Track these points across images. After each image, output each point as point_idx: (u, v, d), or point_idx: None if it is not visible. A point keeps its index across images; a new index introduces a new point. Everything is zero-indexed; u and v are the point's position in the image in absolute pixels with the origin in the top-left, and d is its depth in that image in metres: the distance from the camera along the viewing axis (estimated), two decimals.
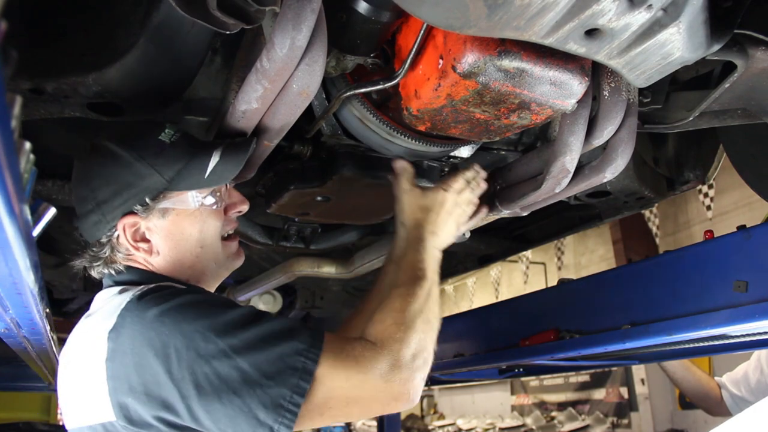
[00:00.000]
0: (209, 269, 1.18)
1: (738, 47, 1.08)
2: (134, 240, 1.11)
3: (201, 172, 1.08)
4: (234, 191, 1.24)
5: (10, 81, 1.06)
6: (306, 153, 1.48)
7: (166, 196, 1.09)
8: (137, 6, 1.11)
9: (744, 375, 2.33)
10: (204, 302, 0.99)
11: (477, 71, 0.94)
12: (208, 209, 1.15)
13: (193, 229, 1.13)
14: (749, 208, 6.38)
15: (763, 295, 1.51)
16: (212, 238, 1.16)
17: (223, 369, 0.91)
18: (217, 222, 1.17)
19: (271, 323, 0.98)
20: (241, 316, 0.97)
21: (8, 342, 1.68)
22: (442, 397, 13.80)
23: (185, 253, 1.14)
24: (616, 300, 1.96)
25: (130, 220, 1.09)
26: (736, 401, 2.31)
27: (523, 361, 2.40)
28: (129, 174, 1.06)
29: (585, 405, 9.50)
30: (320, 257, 2.40)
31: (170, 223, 1.12)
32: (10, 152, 0.51)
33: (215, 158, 1.09)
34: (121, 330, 0.95)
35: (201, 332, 0.93)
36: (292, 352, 0.94)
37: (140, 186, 1.07)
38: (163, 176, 1.07)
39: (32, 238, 0.87)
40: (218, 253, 1.19)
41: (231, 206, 1.22)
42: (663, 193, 2.03)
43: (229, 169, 1.10)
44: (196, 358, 0.91)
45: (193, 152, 1.09)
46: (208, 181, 1.09)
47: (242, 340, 0.93)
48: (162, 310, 0.95)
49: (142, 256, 1.13)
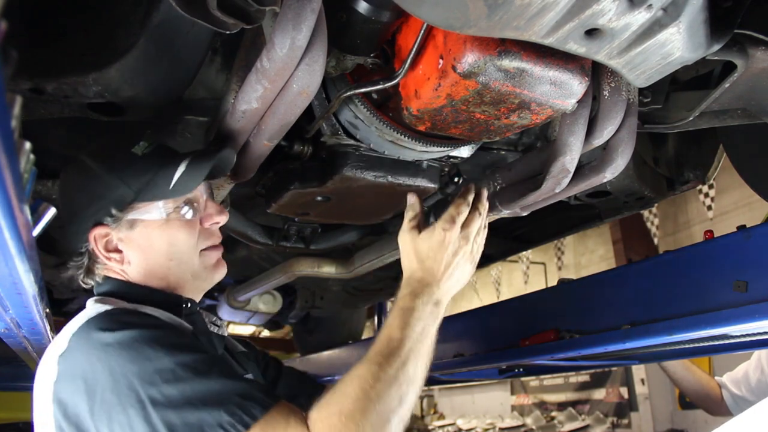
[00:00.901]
0: (184, 281, 1.16)
1: (738, 47, 1.08)
2: (106, 250, 1.12)
3: (167, 183, 1.08)
4: (211, 202, 1.21)
5: (10, 81, 1.06)
6: (306, 153, 1.48)
7: (134, 207, 1.10)
8: (137, 6, 1.11)
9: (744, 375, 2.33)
10: (147, 342, 0.93)
11: (477, 71, 0.94)
12: (179, 221, 1.13)
13: (162, 241, 1.12)
14: (749, 208, 6.38)
15: (763, 295, 1.50)
16: (185, 250, 1.14)
17: (136, 422, 0.86)
18: (189, 234, 1.14)
19: (208, 383, 0.90)
20: (177, 366, 0.90)
21: (8, 342, 1.68)
22: (442, 397, 13.80)
23: (155, 264, 1.13)
24: (616, 300, 1.96)
25: (102, 231, 1.11)
26: (737, 401, 2.31)
27: (523, 361, 2.39)
28: (99, 186, 1.09)
29: (585, 405, 9.50)
30: (320, 257, 2.40)
31: (138, 235, 1.12)
32: (10, 152, 0.51)
33: (181, 168, 1.09)
34: (67, 355, 0.95)
35: (127, 377, 0.89)
36: (213, 423, 0.86)
37: (109, 197, 1.09)
38: (130, 187, 1.08)
39: (32, 238, 0.87)
40: (193, 266, 1.16)
41: (206, 218, 1.19)
42: (663, 193, 2.03)
43: (193, 178, 1.09)
44: (116, 404, 0.88)
45: (162, 163, 1.10)
46: (173, 192, 1.09)
47: (165, 396, 0.87)
48: (102, 343, 0.93)
49: (115, 266, 1.14)
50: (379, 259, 2.13)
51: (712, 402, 2.41)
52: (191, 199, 1.15)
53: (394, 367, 0.97)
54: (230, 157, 1.18)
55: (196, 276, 1.17)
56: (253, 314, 3.38)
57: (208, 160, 1.11)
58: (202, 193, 1.19)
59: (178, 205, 1.13)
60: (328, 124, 1.36)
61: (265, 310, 3.36)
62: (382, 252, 2.09)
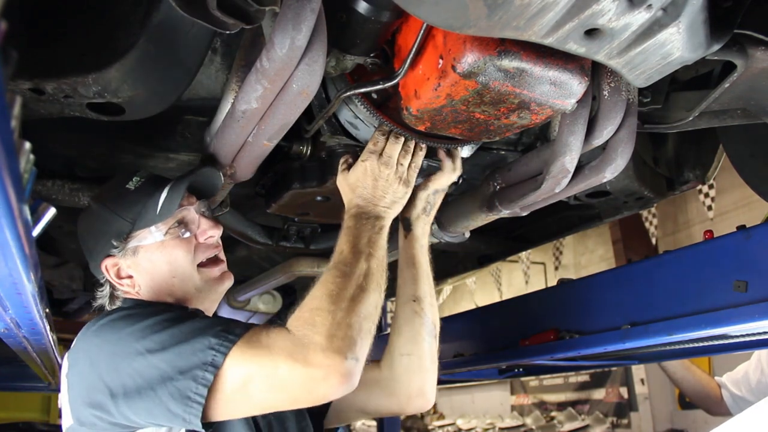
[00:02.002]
0: (191, 294, 1.27)
1: (738, 47, 1.08)
2: (118, 277, 1.26)
3: (154, 209, 1.22)
4: (204, 219, 1.30)
5: (10, 81, 1.06)
6: (306, 153, 1.48)
7: (132, 236, 1.23)
8: (137, 6, 1.11)
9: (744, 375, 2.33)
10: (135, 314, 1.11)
11: (477, 71, 0.94)
12: (175, 240, 1.25)
13: (162, 261, 1.24)
14: (749, 208, 6.38)
15: (763, 295, 1.51)
16: (184, 266, 1.25)
17: (142, 368, 1.02)
18: (186, 251, 1.25)
19: (191, 323, 1.06)
20: (162, 320, 1.07)
21: (8, 342, 1.68)
22: (441, 396, 13.78)
23: (161, 283, 1.25)
24: (616, 300, 1.96)
25: (111, 261, 1.25)
26: (737, 401, 2.31)
27: (522, 361, 2.40)
28: (100, 223, 1.25)
29: (585, 405, 9.50)
30: (320, 257, 2.40)
31: (142, 259, 1.24)
32: (10, 152, 0.51)
33: (164, 194, 1.22)
34: (74, 348, 1.13)
35: (124, 339, 1.06)
36: (203, 347, 1.01)
37: (110, 231, 1.23)
38: (125, 219, 1.22)
39: (32, 238, 0.87)
40: (194, 280, 1.26)
41: (200, 233, 1.29)
42: (663, 193, 2.03)
43: (173, 200, 1.22)
44: (120, 362, 1.04)
45: (150, 192, 1.23)
46: (160, 216, 1.22)
47: (158, 342, 1.03)
48: (99, 325, 1.11)
49: (130, 290, 1.27)
50: None
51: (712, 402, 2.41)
52: (184, 219, 1.27)
53: (350, 267, 1.16)
54: (210, 175, 1.30)
55: (199, 289, 1.27)
56: (252, 314, 3.38)
57: (183, 182, 1.24)
58: (197, 212, 1.29)
59: (171, 226, 1.24)
60: (327, 124, 1.36)
61: (264, 310, 3.36)
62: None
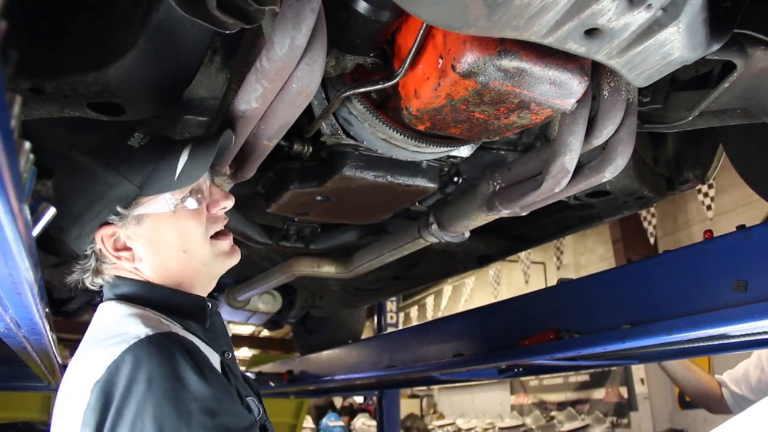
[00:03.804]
0: (199, 272, 1.15)
1: (737, 47, 1.08)
2: (115, 249, 1.09)
3: (171, 173, 1.04)
4: (216, 188, 1.18)
5: (10, 81, 1.06)
6: (306, 153, 1.48)
7: (139, 202, 1.06)
8: (137, 6, 1.11)
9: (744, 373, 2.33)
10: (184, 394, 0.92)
11: (477, 71, 0.94)
12: (187, 211, 1.10)
13: (172, 234, 1.09)
14: (749, 207, 6.38)
15: (763, 295, 1.50)
16: (196, 240, 1.11)
17: None
18: (199, 223, 1.12)
19: None
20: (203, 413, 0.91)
21: (8, 342, 1.68)
22: (441, 396, 13.80)
23: (169, 258, 1.11)
24: (616, 300, 1.96)
25: (108, 230, 1.07)
26: (737, 399, 2.31)
27: (522, 361, 2.39)
28: (98, 185, 1.05)
29: (584, 405, 9.50)
30: (320, 257, 2.40)
31: (148, 230, 1.08)
32: (10, 152, 0.51)
33: (184, 157, 1.04)
34: None
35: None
36: None
37: (111, 196, 1.04)
38: (132, 182, 1.04)
39: (32, 238, 0.87)
40: (206, 254, 1.14)
41: (213, 204, 1.16)
42: (662, 192, 2.03)
43: (198, 166, 1.05)
44: None
45: (163, 153, 1.05)
46: (179, 182, 1.05)
47: None
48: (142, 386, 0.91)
49: (127, 264, 1.11)
50: (379, 259, 2.13)
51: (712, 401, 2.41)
52: (195, 188, 1.12)
53: None
54: (229, 140, 1.14)
55: (210, 265, 1.15)
56: (252, 314, 3.39)
57: (211, 145, 1.07)
58: (206, 180, 1.16)
59: (184, 195, 1.09)
60: (327, 123, 1.36)
61: (264, 309, 3.36)
62: (381, 252, 2.10)
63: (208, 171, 1.15)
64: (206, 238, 1.13)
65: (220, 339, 1.18)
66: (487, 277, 10.73)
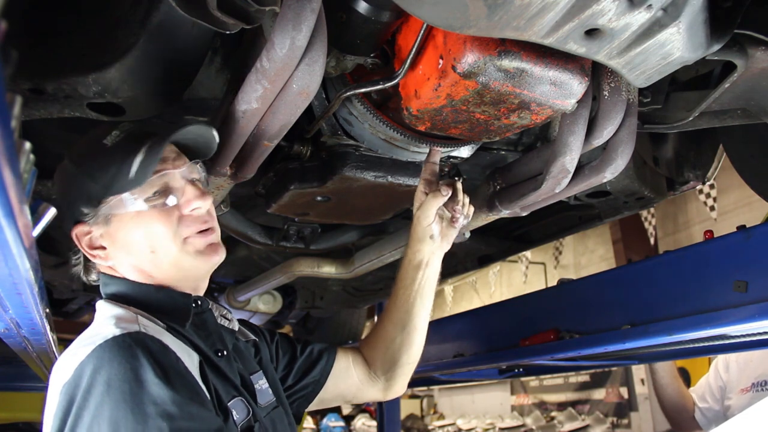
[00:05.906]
0: (170, 272, 1.12)
1: (738, 47, 1.08)
2: (90, 248, 1.11)
3: (127, 172, 1.01)
4: (191, 187, 1.12)
5: (10, 81, 1.06)
6: (306, 153, 1.48)
7: (105, 201, 1.06)
8: (137, 6, 1.11)
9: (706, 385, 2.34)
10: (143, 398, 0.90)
11: (477, 71, 0.94)
12: (153, 210, 1.08)
13: (138, 233, 1.08)
14: (749, 207, 6.38)
15: (763, 295, 1.50)
16: (164, 240, 1.08)
17: None
18: (167, 223, 1.08)
19: None
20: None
21: (8, 342, 1.68)
22: (441, 397, 13.79)
23: (139, 258, 1.10)
24: (616, 300, 1.96)
25: (82, 228, 1.10)
26: (705, 414, 2.31)
27: (523, 361, 2.40)
28: (70, 184, 1.08)
29: (585, 405, 9.50)
30: (320, 257, 2.40)
31: (114, 229, 1.09)
32: (10, 152, 0.51)
33: (140, 156, 1.01)
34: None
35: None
36: None
37: (80, 195, 1.07)
38: (96, 183, 1.04)
39: (32, 238, 0.87)
40: (174, 254, 1.09)
41: (185, 204, 1.11)
42: (663, 193, 2.03)
43: (148, 164, 1.01)
44: None
45: (128, 152, 1.03)
46: (135, 182, 1.02)
47: None
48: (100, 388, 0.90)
49: (102, 262, 1.13)
50: (379, 259, 2.13)
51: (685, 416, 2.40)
52: (167, 186, 1.09)
53: None
54: (198, 132, 1.10)
55: (178, 265, 1.11)
56: (252, 314, 3.38)
57: (162, 142, 1.04)
58: (184, 178, 1.12)
59: (148, 195, 1.07)
60: (327, 124, 1.36)
61: (264, 310, 3.36)
62: (382, 252, 2.09)
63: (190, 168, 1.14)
64: (176, 238, 1.09)
65: (212, 337, 1.16)
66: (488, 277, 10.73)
